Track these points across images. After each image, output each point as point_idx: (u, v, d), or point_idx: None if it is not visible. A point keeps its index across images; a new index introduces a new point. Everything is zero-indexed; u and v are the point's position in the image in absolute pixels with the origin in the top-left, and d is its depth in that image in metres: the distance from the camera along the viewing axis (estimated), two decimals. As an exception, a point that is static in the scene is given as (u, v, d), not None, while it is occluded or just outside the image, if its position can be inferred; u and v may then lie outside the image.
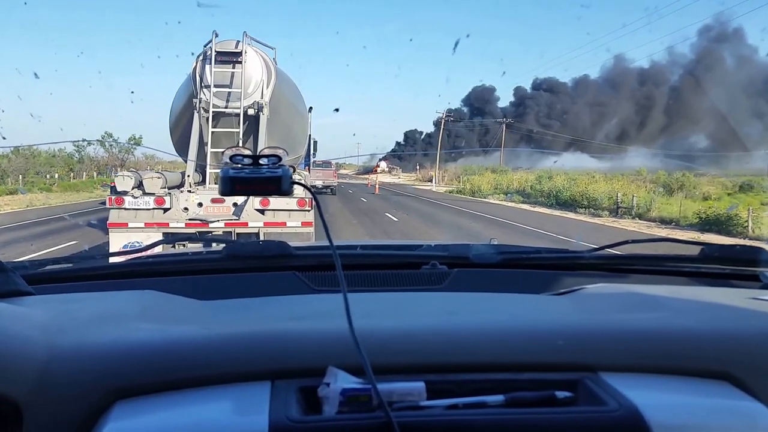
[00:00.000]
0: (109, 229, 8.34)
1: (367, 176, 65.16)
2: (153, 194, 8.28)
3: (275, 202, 8.48)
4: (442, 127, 71.22)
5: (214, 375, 0.91)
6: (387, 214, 22.34)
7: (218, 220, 8.47)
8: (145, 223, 8.26)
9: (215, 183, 8.80)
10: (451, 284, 1.65)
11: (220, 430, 0.81)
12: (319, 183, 34.70)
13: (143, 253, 1.85)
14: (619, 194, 27.74)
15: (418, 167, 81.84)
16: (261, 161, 1.09)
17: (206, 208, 8.47)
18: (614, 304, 1.25)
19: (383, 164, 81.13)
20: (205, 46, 8.84)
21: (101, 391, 0.87)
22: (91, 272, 1.64)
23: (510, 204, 34.41)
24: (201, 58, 8.79)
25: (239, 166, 1.08)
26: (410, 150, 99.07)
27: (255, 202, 8.49)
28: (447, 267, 1.72)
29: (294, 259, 1.70)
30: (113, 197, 8.24)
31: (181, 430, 0.82)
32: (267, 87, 8.98)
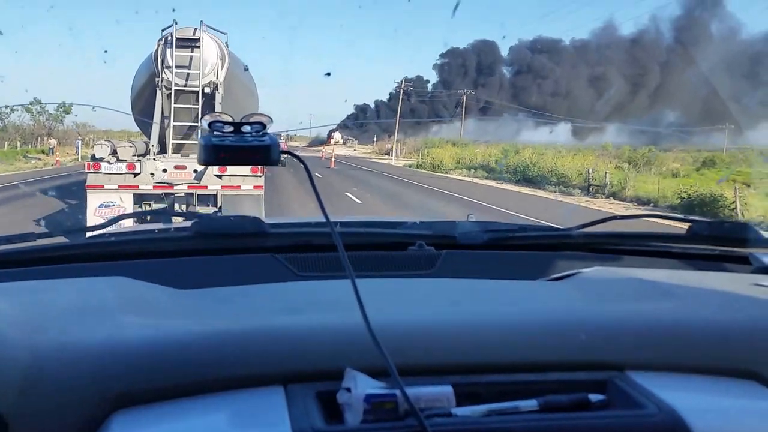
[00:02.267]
0: (87, 190, 10.54)
1: (321, 148, 65.20)
2: (125, 161, 10.51)
3: (231, 169, 10.63)
4: (400, 96, 72.36)
5: (223, 379, 0.90)
6: (347, 194, 22.28)
7: (181, 183, 10.74)
8: (119, 185, 10.50)
9: (174, 152, 11.13)
10: (442, 268, 1.69)
11: None
12: None
13: (107, 230, 1.86)
14: (590, 171, 28.38)
15: (375, 139, 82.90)
16: (243, 128, 1.07)
17: (170, 173, 10.69)
18: (621, 291, 1.31)
19: (337, 135, 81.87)
20: (163, 32, 11.00)
21: (97, 399, 0.83)
22: (49, 254, 1.60)
23: (475, 180, 34.89)
24: (162, 42, 10.89)
25: (220, 133, 1.06)
26: (364, 123, 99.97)
27: (214, 169, 10.64)
28: (434, 248, 1.77)
29: (269, 239, 1.69)
30: (91, 163, 10.49)
31: None
32: (221, 68, 11.20)
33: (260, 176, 11.08)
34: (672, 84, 73.51)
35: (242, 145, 1.05)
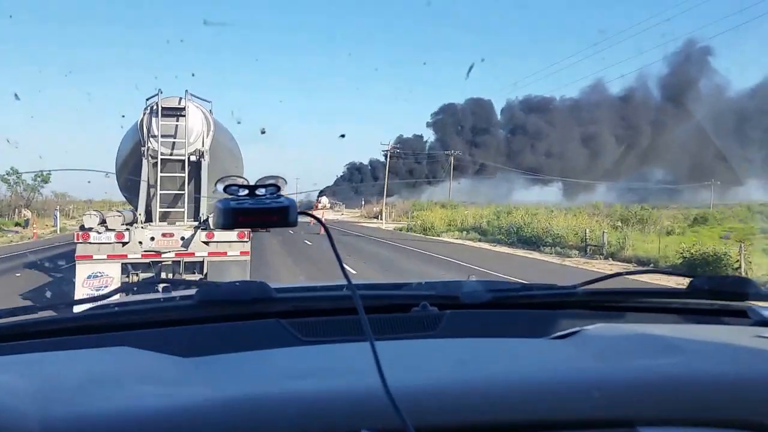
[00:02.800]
0: (77, 261, 10.73)
1: (310, 214, 66.25)
2: (114, 230, 10.81)
3: (219, 235, 11.06)
4: (387, 159, 73.06)
5: None
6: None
7: (169, 251, 11.00)
8: (108, 255, 10.73)
9: (161, 221, 11.46)
10: (446, 328, 1.71)
11: None
12: None
13: (111, 300, 1.87)
14: (587, 231, 28.01)
15: (363, 203, 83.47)
16: (258, 191, 1.11)
17: (157, 241, 10.98)
18: (626, 348, 1.35)
19: (324, 200, 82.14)
20: (147, 101, 11.49)
21: None
22: (54, 326, 1.62)
23: (468, 243, 34.75)
24: (147, 111, 11.35)
25: (237, 197, 1.08)
26: (353, 185, 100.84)
27: (201, 235, 11.06)
28: (438, 309, 1.79)
29: (276, 304, 1.70)
30: (80, 233, 10.75)
31: None
32: (207, 136, 11.63)
33: (247, 242, 11.36)
34: (660, 142, 74.99)
35: (260, 207, 1.09)
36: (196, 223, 11.37)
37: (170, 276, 11.02)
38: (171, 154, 11.33)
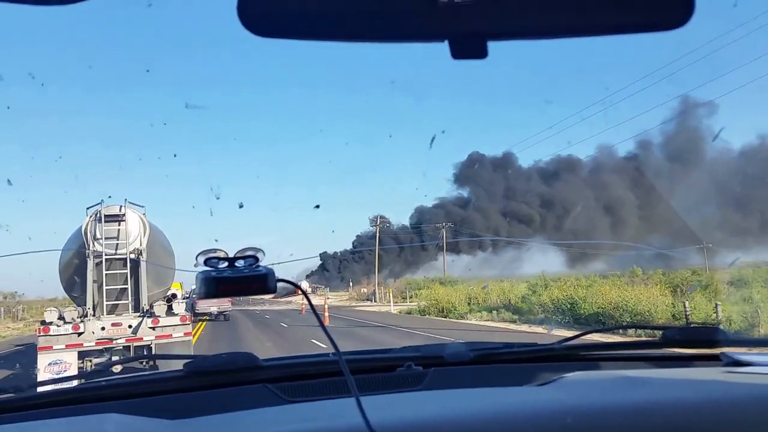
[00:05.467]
0: (39, 352, 13.96)
1: (289, 298, 66.58)
2: (71, 322, 14.06)
3: (163, 320, 14.28)
4: (377, 235, 73.46)
5: None
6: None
7: (119, 338, 14.18)
8: (66, 345, 13.91)
9: (109, 313, 14.70)
10: (430, 384, 1.92)
11: None
12: (213, 309, 40.44)
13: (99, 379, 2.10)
14: (686, 303, 23.56)
15: (351, 284, 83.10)
16: (237, 263, 1.27)
17: (108, 330, 14.19)
18: (602, 387, 1.55)
19: (304, 284, 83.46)
20: (88, 210, 14.95)
21: None
22: (44, 399, 1.80)
23: (507, 326, 30.48)
24: (91, 218, 14.78)
25: (217, 268, 1.24)
26: (334, 266, 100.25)
27: (148, 322, 14.23)
28: (422, 368, 2.01)
29: (263, 371, 1.90)
30: (41, 327, 14.04)
31: None
32: (144, 236, 15.05)
33: (188, 324, 14.59)
34: (665, 206, 75.15)
35: (240, 276, 1.26)
36: (141, 314, 14.58)
37: (123, 357, 14.09)
38: (114, 254, 14.71)
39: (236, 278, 1.23)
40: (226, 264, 1.28)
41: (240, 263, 1.29)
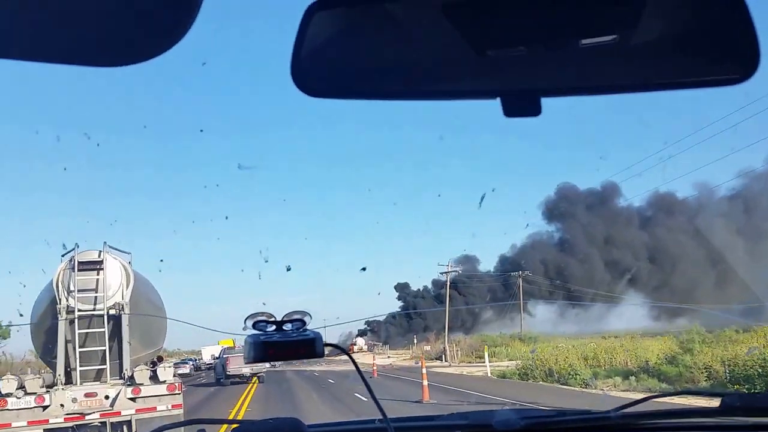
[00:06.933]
0: None
1: (337, 346, 64.88)
2: (34, 393, 11.93)
3: (146, 389, 12.16)
4: (447, 284, 68.92)
5: None
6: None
7: (94, 412, 12.05)
8: (28, 422, 11.81)
9: (84, 380, 12.49)
10: None
11: None
12: (246, 371, 38.23)
13: None
14: None
15: (415, 341, 79.02)
16: (285, 326, 1.34)
17: (80, 402, 12.08)
18: None
19: (360, 341, 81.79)
20: (63, 257, 13.06)
21: None
22: None
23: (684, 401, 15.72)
24: (64, 267, 12.83)
25: (265, 332, 1.31)
26: (389, 322, 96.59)
27: (127, 391, 12.12)
28: None
29: None
30: None
31: None
32: (126, 288, 12.99)
33: (178, 394, 12.39)
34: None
35: (288, 340, 1.30)
36: (121, 381, 12.43)
37: None
38: (91, 310, 12.69)
39: (284, 342, 1.28)
40: (274, 327, 1.33)
41: (288, 326, 1.33)
